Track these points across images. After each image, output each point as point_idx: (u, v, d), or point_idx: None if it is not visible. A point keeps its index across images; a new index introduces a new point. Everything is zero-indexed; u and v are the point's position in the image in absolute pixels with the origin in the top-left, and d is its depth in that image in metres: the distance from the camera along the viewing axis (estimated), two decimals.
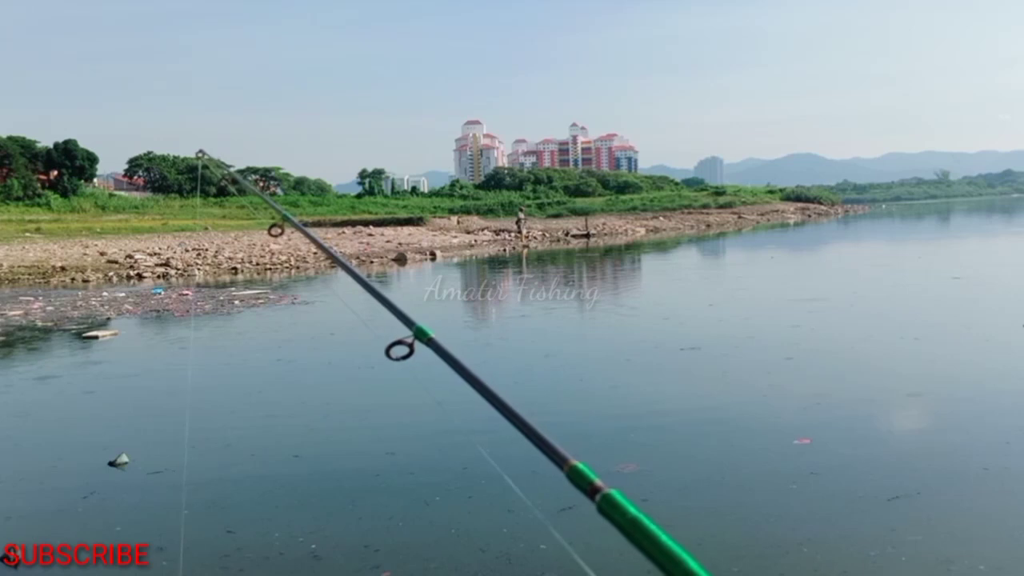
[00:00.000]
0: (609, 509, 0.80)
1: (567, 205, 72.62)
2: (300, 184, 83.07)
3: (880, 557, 3.86)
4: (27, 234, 37.20)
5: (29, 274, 24.06)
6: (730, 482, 5.01)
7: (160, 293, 18.03)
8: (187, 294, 17.66)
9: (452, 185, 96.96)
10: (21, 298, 17.80)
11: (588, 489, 0.85)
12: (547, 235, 43.45)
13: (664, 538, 0.76)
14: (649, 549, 0.75)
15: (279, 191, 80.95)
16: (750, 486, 4.91)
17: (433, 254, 30.66)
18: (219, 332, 12.63)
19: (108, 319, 14.01)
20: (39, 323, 13.67)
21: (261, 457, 5.95)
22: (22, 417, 7.55)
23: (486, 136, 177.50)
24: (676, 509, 4.61)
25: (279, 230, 2.59)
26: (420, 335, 1.44)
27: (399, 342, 1.47)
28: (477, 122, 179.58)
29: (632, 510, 0.79)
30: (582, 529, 4.23)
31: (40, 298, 17.81)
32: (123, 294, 18.18)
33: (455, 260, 29.59)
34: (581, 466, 0.88)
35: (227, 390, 8.45)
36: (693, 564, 0.73)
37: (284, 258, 27.97)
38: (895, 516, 4.32)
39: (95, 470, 5.62)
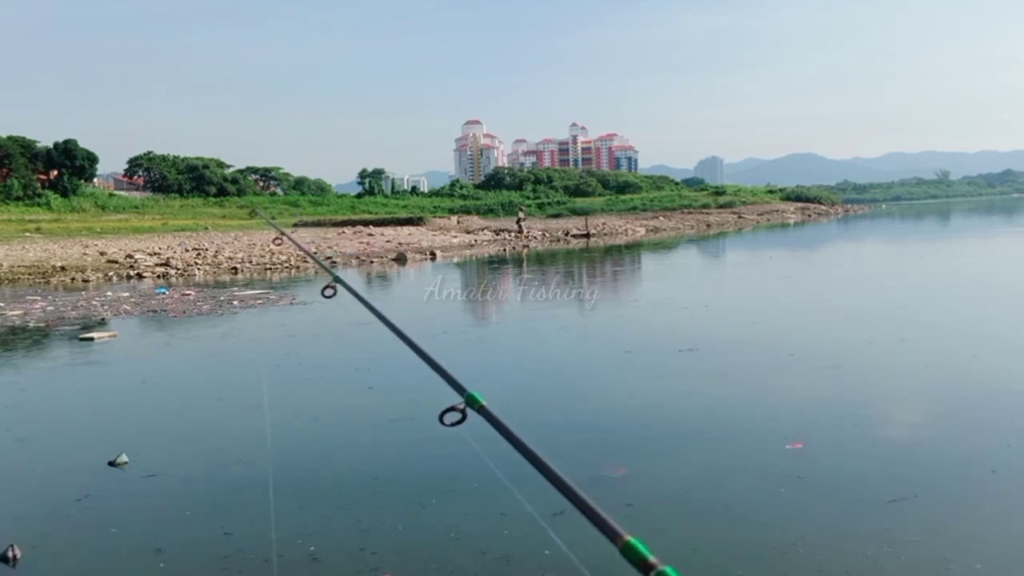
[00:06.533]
0: None
1: (567, 205, 72.65)
2: (300, 184, 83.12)
3: (879, 556, 3.87)
4: (27, 234, 37.20)
5: (29, 274, 24.07)
6: (721, 486, 5.00)
7: (164, 293, 18.05)
8: (190, 294, 17.67)
9: (452, 185, 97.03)
10: (27, 297, 17.81)
11: (642, 565, 0.86)
12: (547, 235, 43.44)
13: None
14: None
15: (279, 191, 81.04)
16: (741, 490, 4.90)
17: (433, 254, 30.66)
18: (218, 333, 12.63)
19: (104, 320, 14.02)
20: (32, 324, 13.67)
21: (258, 459, 5.95)
22: (20, 419, 7.55)
23: (486, 136, 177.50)
24: (667, 512, 4.60)
25: (332, 291, 2.79)
26: (471, 402, 1.44)
27: (452, 408, 1.49)
28: (477, 122, 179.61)
29: None
30: (577, 533, 4.24)
31: (47, 297, 17.83)
32: (126, 294, 18.19)
33: (455, 260, 29.59)
34: (635, 542, 0.91)
35: (225, 391, 8.46)
36: None
37: (284, 258, 27.97)
38: (893, 518, 4.32)
39: (94, 470, 5.62)
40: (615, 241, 39.57)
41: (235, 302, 15.97)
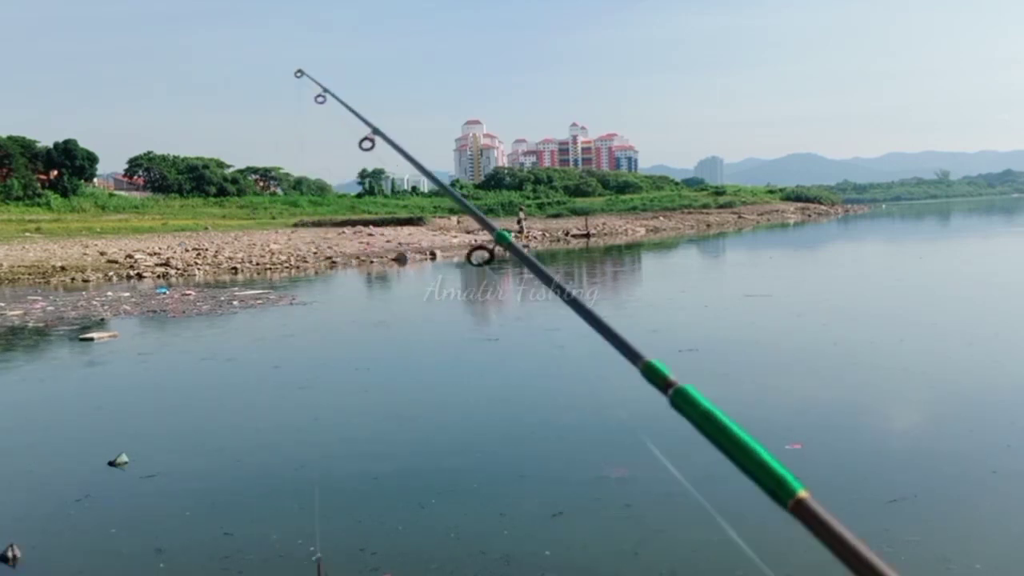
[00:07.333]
0: (682, 403, 0.84)
1: (567, 205, 72.67)
2: (300, 184, 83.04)
3: (878, 556, 3.87)
4: (27, 234, 37.21)
5: (29, 274, 24.08)
6: (720, 488, 5.00)
7: (164, 293, 18.07)
8: (190, 294, 17.68)
9: (452, 185, 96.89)
10: (27, 297, 17.81)
11: (662, 384, 0.89)
12: (547, 235, 43.45)
13: (736, 429, 0.78)
14: (721, 441, 0.78)
15: (279, 191, 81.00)
16: (740, 490, 4.90)
17: (433, 254, 30.67)
18: (218, 333, 12.64)
19: (104, 320, 14.02)
20: (32, 324, 13.67)
21: (258, 459, 5.96)
22: (20, 419, 7.56)
23: (486, 136, 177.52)
24: (666, 513, 4.60)
25: (370, 144, 2.56)
26: (500, 239, 1.51)
27: (480, 247, 1.55)
28: (477, 122, 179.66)
29: (705, 403, 0.83)
30: (576, 534, 4.25)
31: (47, 297, 17.83)
32: (127, 294, 18.20)
33: (455, 260, 29.60)
34: (655, 363, 0.94)
35: (225, 392, 8.46)
36: (765, 455, 0.76)
37: (284, 258, 27.99)
38: (893, 518, 4.33)
39: (94, 470, 5.62)
40: (615, 241, 39.57)
41: (235, 302, 15.97)
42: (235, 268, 25.34)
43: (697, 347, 9.50)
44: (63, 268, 24.92)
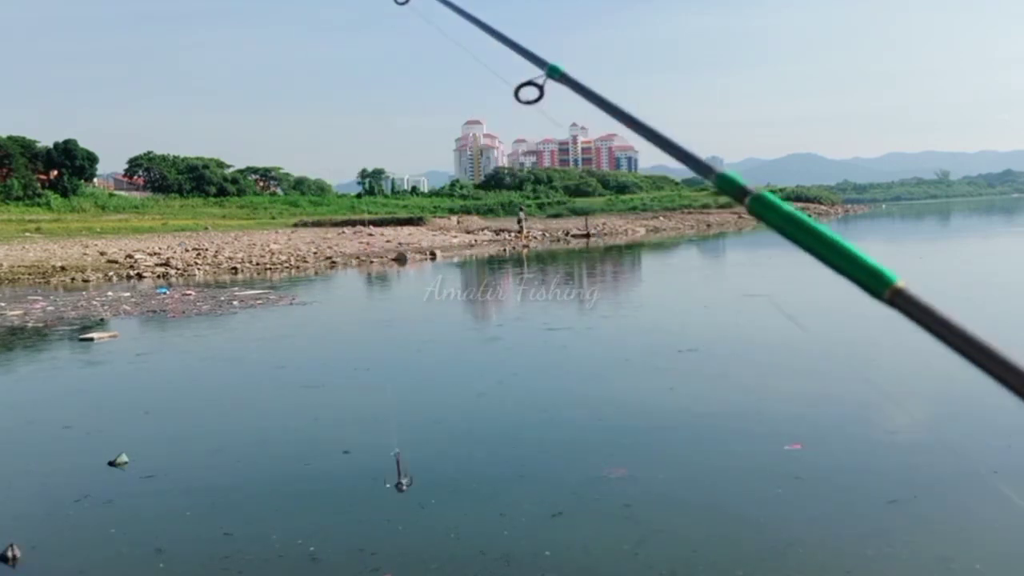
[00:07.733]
0: (761, 209, 0.83)
1: (567, 205, 72.72)
2: (300, 184, 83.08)
3: (878, 556, 3.87)
4: (27, 234, 37.23)
5: (29, 274, 24.08)
6: (720, 487, 5.00)
7: (165, 293, 18.07)
8: (190, 294, 17.68)
9: (452, 185, 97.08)
10: (28, 297, 17.81)
11: (738, 193, 0.89)
12: (547, 235, 43.45)
13: (821, 227, 0.78)
14: (808, 241, 0.78)
15: (279, 191, 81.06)
16: (740, 491, 4.90)
17: (433, 254, 30.66)
18: (218, 333, 12.63)
19: (104, 320, 14.02)
20: (32, 324, 13.66)
21: (258, 459, 5.96)
22: (20, 419, 7.55)
23: (486, 136, 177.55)
24: (666, 513, 4.60)
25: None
26: (553, 73, 1.40)
27: (530, 83, 1.43)
28: (477, 122, 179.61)
29: (785, 207, 0.82)
30: (576, 534, 4.25)
31: (47, 297, 17.83)
32: (127, 294, 18.20)
33: (455, 260, 29.59)
34: (729, 173, 0.94)
35: (225, 392, 8.46)
36: (855, 249, 0.75)
37: (284, 258, 27.99)
38: (893, 518, 4.33)
39: (94, 470, 5.62)
40: (615, 241, 39.56)
41: (235, 302, 15.97)
42: (235, 268, 25.34)
43: (697, 347, 9.50)
44: (63, 268, 24.92)
